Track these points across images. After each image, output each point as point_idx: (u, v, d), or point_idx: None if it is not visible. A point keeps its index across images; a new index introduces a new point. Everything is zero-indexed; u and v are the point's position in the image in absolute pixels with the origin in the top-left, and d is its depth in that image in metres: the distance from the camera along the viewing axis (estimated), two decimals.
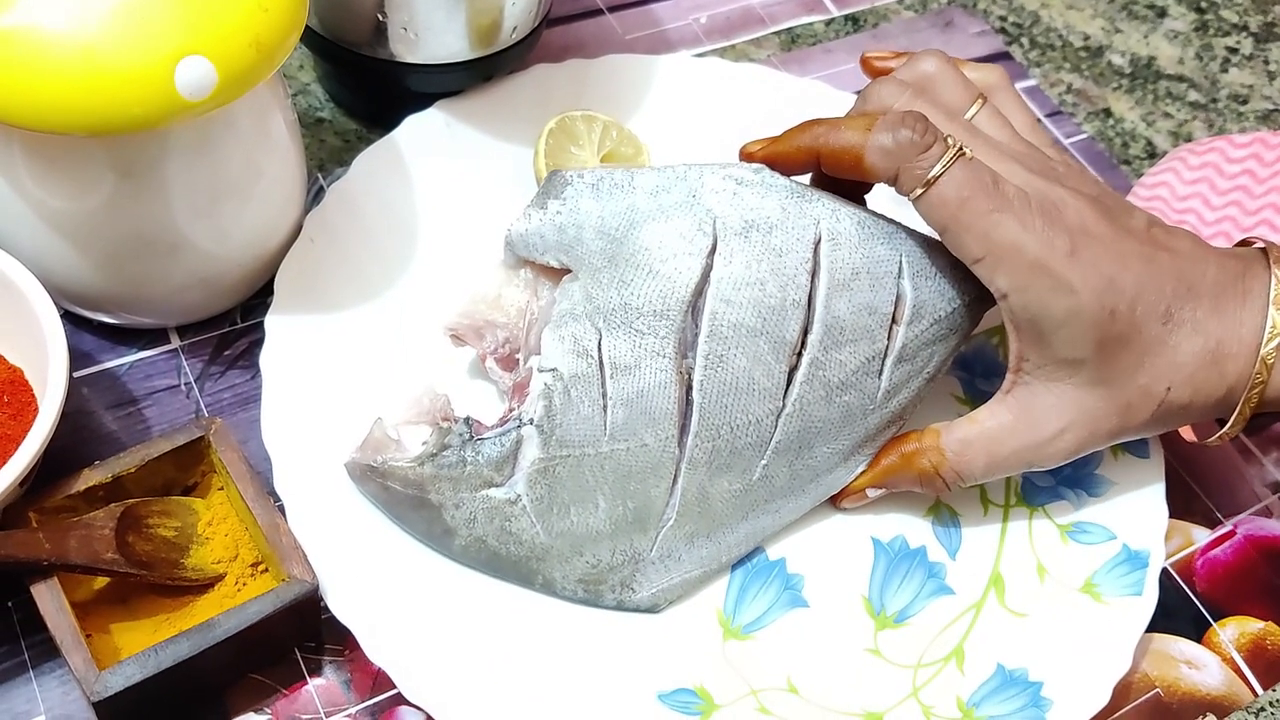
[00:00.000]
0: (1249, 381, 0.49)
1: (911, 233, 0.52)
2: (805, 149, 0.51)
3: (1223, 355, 0.49)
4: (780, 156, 0.52)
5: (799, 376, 0.50)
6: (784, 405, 0.50)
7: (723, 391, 0.50)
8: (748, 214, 0.51)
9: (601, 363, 0.50)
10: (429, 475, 0.49)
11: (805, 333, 0.50)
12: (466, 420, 0.50)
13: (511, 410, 0.51)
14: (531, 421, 0.49)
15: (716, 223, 0.50)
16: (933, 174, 0.47)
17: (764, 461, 0.51)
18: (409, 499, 0.50)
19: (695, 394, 0.50)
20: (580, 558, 0.49)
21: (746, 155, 0.53)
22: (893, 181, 0.49)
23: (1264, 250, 0.51)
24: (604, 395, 0.49)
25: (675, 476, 0.50)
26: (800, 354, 0.50)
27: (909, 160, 0.48)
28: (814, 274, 0.50)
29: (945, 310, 0.52)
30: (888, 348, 0.51)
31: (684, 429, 0.50)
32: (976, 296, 0.52)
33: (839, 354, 0.51)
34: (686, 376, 0.50)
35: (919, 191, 0.48)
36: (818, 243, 0.51)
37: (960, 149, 0.48)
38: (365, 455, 0.50)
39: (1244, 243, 0.53)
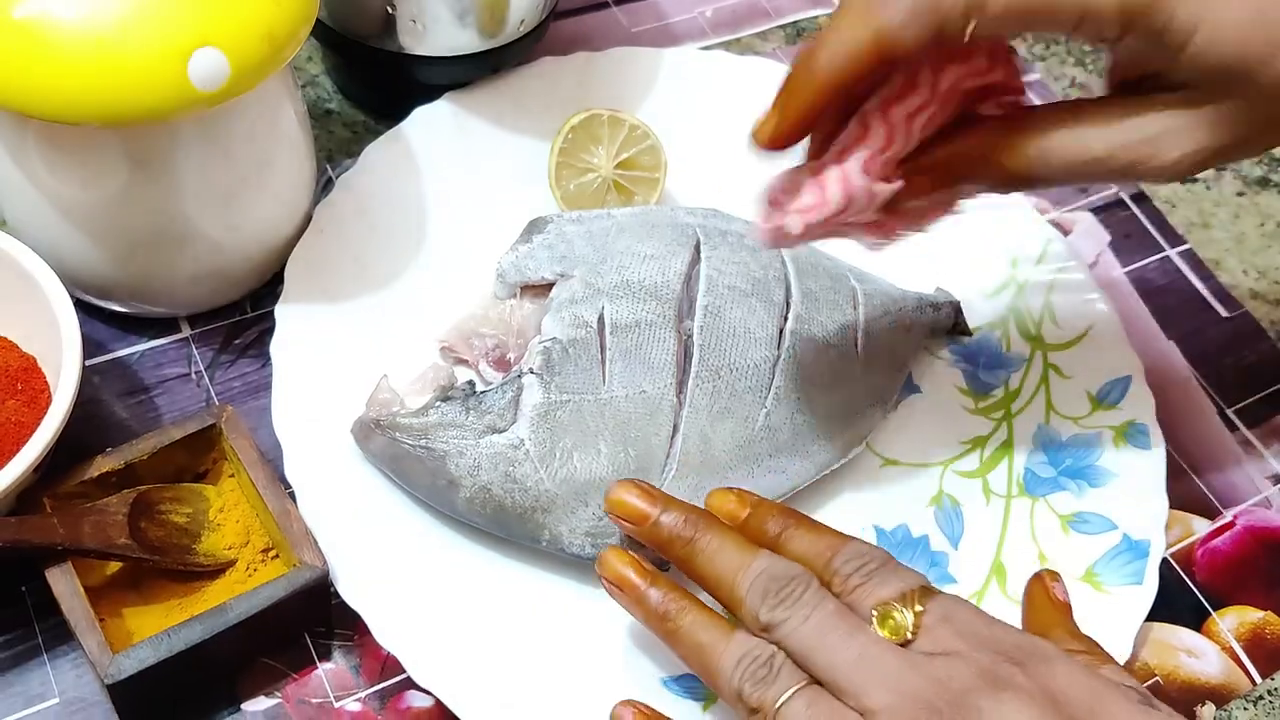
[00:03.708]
0: None
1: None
2: (821, 88, 0.42)
3: None
4: (802, 118, 0.43)
5: (789, 328, 0.55)
6: (779, 353, 0.54)
7: (721, 336, 0.53)
8: (722, 227, 0.57)
9: (601, 327, 0.52)
10: (433, 423, 0.50)
11: (788, 300, 0.55)
12: (470, 381, 0.52)
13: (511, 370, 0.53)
14: (532, 371, 0.51)
15: (697, 230, 0.56)
16: None
17: (765, 409, 0.53)
18: (413, 452, 0.50)
19: (695, 339, 0.53)
20: (585, 508, 0.50)
21: (768, 142, 0.44)
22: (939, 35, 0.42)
23: None
24: (602, 349, 0.52)
25: (675, 427, 0.51)
26: (787, 315, 0.55)
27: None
28: (784, 264, 0.57)
29: (894, 305, 0.58)
30: (856, 322, 0.56)
31: (682, 383, 0.52)
32: (918, 304, 0.59)
33: (819, 316, 0.56)
34: (685, 336, 0.53)
35: None
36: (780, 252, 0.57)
37: None
38: (370, 411, 0.51)
39: None
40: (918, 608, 0.42)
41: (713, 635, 0.44)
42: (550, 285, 0.55)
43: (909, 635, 0.41)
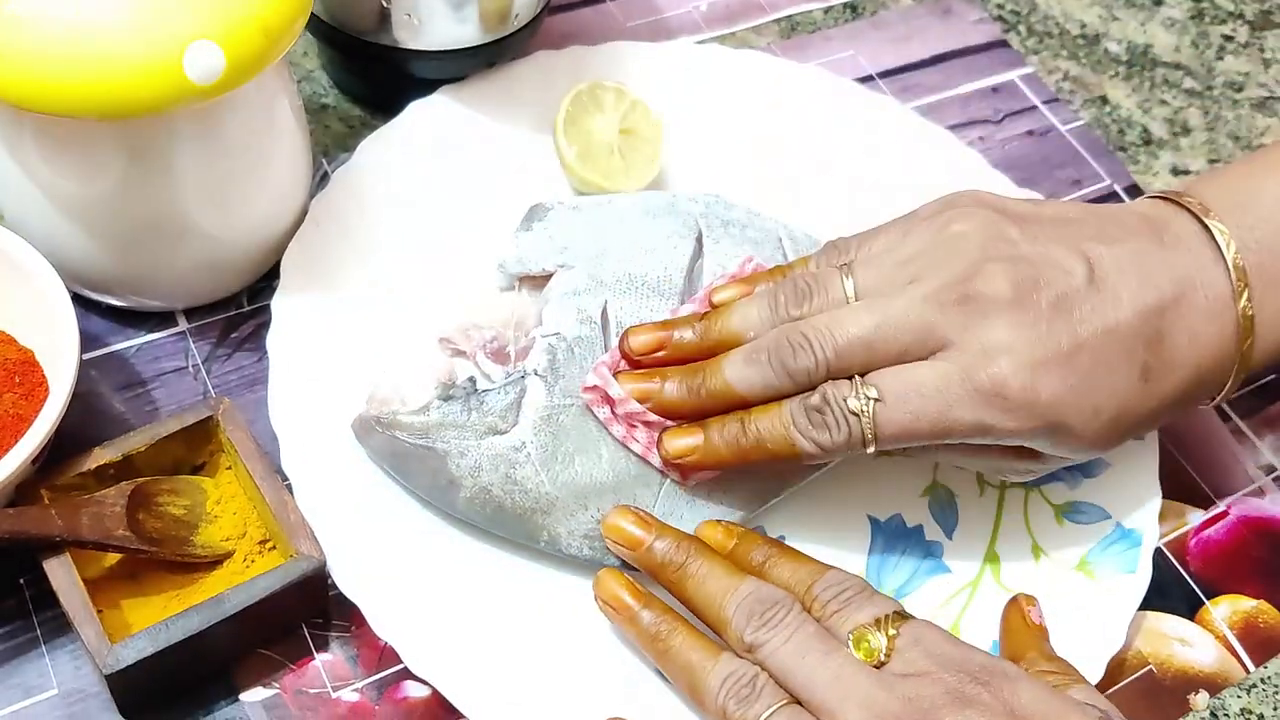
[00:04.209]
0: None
1: None
2: (734, 461, 0.49)
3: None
4: (713, 466, 0.50)
5: None
6: None
7: None
8: (723, 215, 0.57)
9: (605, 324, 0.52)
10: (434, 423, 0.50)
11: None
12: (471, 379, 0.52)
13: (515, 368, 0.53)
14: (535, 372, 0.51)
15: (698, 220, 0.56)
16: None
17: None
18: (414, 450, 0.50)
19: None
20: (585, 511, 0.50)
21: (674, 459, 0.50)
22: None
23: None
24: (606, 350, 0.52)
25: None
26: None
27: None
28: (785, 258, 0.56)
29: None
30: None
31: None
32: None
33: None
34: None
35: None
36: (780, 239, 0.57)
37: None
38: (371, 408, 0.51)
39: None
40: (891, 631, 0.44)
41: (700, 656, 0.46)
42: (549, 276, 0.55)
43: (883, 657, 0.44)
